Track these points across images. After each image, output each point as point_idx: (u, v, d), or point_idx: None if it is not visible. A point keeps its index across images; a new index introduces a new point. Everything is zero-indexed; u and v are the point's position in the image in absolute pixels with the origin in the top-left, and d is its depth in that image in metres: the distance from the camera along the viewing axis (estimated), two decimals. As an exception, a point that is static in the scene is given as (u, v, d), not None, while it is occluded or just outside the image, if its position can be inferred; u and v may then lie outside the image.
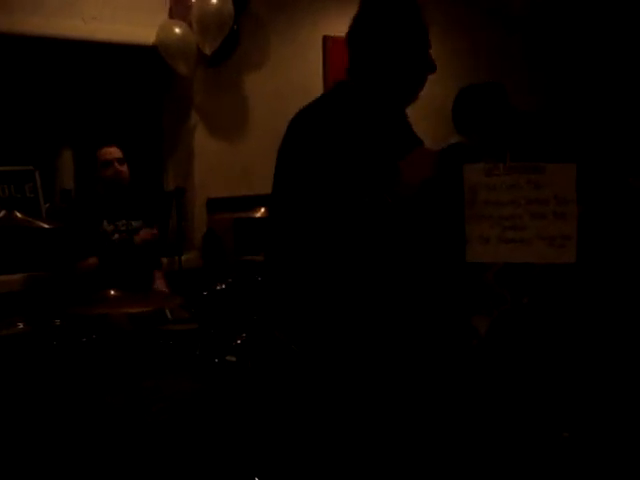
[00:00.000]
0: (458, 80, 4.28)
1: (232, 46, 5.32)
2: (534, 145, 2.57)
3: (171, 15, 5.14)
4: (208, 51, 5.08)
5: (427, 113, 3.98)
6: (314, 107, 2.42)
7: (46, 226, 3.51)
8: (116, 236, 4.36)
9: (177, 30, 5.04)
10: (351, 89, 2.38)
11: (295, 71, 5.88)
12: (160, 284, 4.48)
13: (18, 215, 3.46)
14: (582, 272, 2.91)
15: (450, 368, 2.42)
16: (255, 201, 4.82)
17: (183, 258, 4.87)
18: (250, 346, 3.60)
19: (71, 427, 3.24)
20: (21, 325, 3.76)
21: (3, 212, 3.49)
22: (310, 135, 2.29)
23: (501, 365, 2.88)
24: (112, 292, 3.49)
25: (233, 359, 3.58)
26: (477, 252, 2.32)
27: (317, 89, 6.02)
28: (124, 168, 4.45)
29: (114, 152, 4.44)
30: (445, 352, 2.41)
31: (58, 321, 3.77)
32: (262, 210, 4.25)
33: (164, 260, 4.86)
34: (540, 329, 2.95)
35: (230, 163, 5.52)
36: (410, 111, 2.53)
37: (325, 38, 5.98)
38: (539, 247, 2.30)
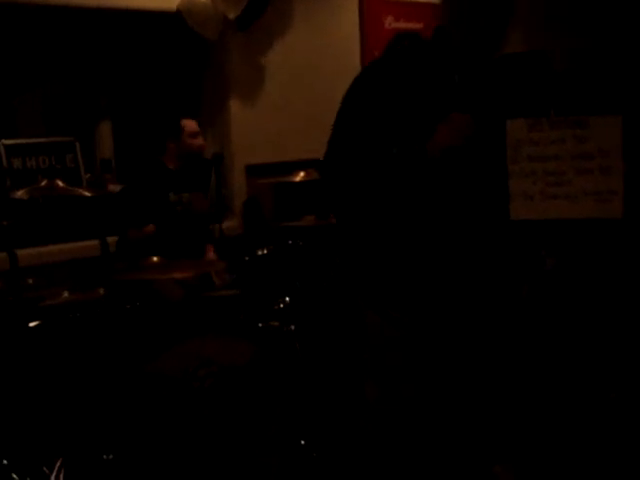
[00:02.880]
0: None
1: (260, 9, 5.26)
2: (578, 98, 2.52)
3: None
4: (232, 15, 5.05)
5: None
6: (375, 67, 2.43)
7: (88, 194, 3.53)
8: (179, 208, 4.39)
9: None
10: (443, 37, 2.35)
11: (330, 33, 5.82)
12: (211, 256, 4.50)
13: (60, 184, 3.48)
14: (627, 229, 2.86)
15: (498, 330, 2.40)
16: (293, 167, 4.81)
17: (224, 225, 4.87)
18: (292, 311, 3.61)
19: (117, 393, 3.28)
20: (66, 294, 3.80)
21: (45, 181, 3.52)
22: (377, 83, 2.30)
23: (543, 327, 2.85)
24: (155, 259, 3.52)
25: (276, 324, 3.59)
26: (521, 209, 2.29)
27: (354, 52, 5.98)
28: (201, 142, 4.53)
29: (195, 125, 4.49)
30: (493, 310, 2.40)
31: (102, 290, 3.79)
32: (301, 174, 4.24)
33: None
34: (580, 292, 2.92)
35: (267, 129, 5.50)
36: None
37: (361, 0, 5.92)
38: (584, 203, 2.26)
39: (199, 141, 4.48)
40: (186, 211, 4.37)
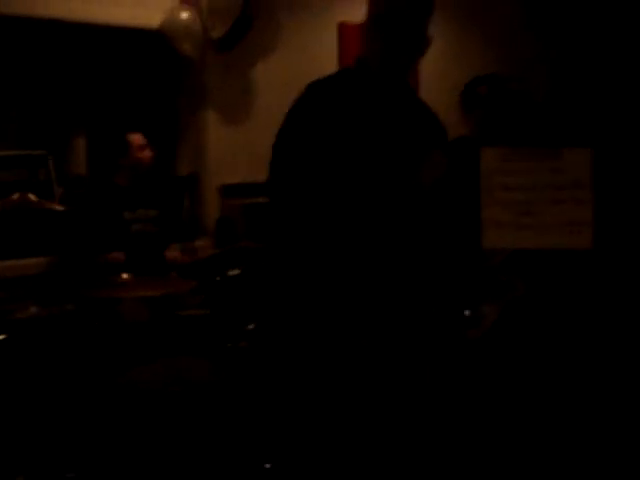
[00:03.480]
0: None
1: (244, 30, 5.29)
2: (549, 130, 2.56)
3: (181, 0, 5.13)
4: (216, 35, 5.08)
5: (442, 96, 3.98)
6: (320, 86, 2.42)
7: (59, 208, 3.52)
8: (136, 226, 4.37)
9: (183, 14, 5.04)
10: (361, 68, 2.36)
11: (309, 57, 5.85)
12: (176, 253, 4.49)
13: (32, 198, 3.46)
14: (595, 259, 2.89)
15: (452, 359, 2.41)
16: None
17: (196, 244, 4.86)
18: (261, 333, 3.60)
19: (84, 410, 3.24)
20: (34, 309, 3.77)
21: (17, 195, 3.49)
22: (318, 114, 2.28)
23: (509, 354, 2.87)
24: (125, 276, 3.51)
25: (245, 345, 3.58)
26: (493, 238, 2.31)
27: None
28: (150, 154, 4.49)
29: (142, 138, 4.48)
30: (447, 343, 2.40)
31: (71, 305, 3.76)
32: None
33: (177, 246, 4.85)
34: (548, 317, 2.94)
35: (243, 149, 5.50)
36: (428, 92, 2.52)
37: (341, 25, 5.96)
38: (555, 233, 2.29)
39: (147, 153, 4.48)
40: (147, 232, 4.37)
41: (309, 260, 2.30)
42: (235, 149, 5.48)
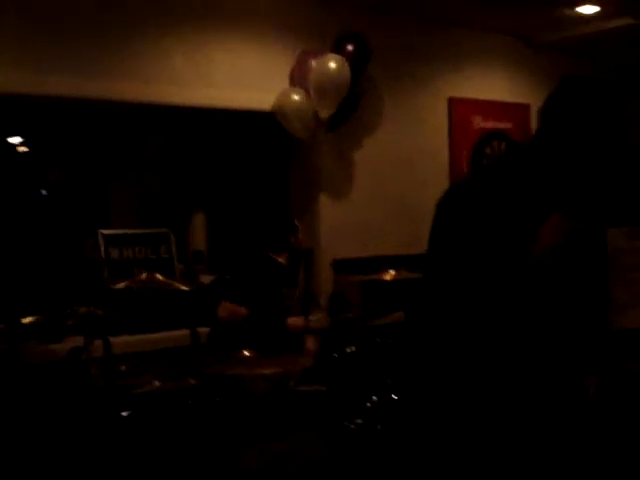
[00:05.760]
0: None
1: (351, 110, 5.41)
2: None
3: (292, 82, 5.31)
4: (325, 115, 5.20)
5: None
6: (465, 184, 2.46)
7: (185, 288, 3.64)
8: (287, 302, 4.50)
9: (295, 96, 5.20)
10: (532, 155, 2.37)
11: (420, 133, 5.93)
12: (310, 343, 4.54)
13: (159, 277, 3.59)
14: None
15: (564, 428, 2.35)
16: (380, 262, 4.84)
17: (310, 318, 4.91)
18: (380, 410, 3.59)
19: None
20: (157, 383, 3.87)
21: (145, 274, 3.64)
22: (477, 204, 2.32)
23: (609, 428, 2.77)
24: (246, 353, 3.58)
25: (362, 422, 3.57)
26: (623, 319, 2.26)
27: (443, 151, 6.06)
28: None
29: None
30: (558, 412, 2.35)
31: (193, 380, 3.85)
32: (391, 272, 4.26)
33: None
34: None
35: (355, 224, 5.58)
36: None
37: (451, 100, 6.03)
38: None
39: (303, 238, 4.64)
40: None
41: (445, 334, 2.34)
42: (346, 225, 5.56)
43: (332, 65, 5.14)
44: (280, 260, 4.51)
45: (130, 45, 4.78)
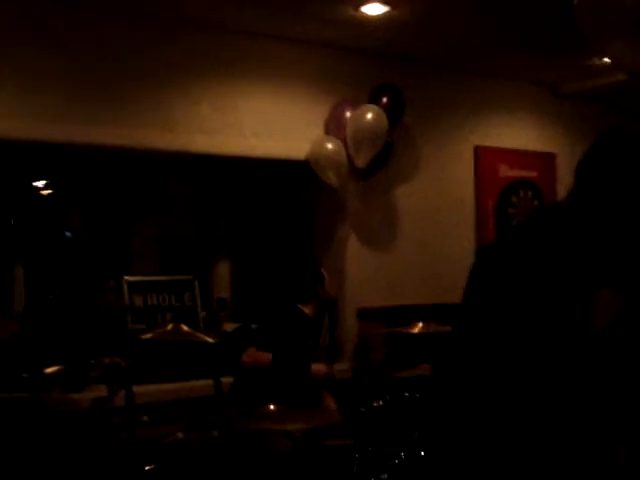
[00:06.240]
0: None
1: (384, 158, 5.41)
2: None
3: (327, 131, 5.32)
4: (361, 164, 5.21)
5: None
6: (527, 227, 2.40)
7: (211, 340, 3.61)
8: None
9: (329, 145, 5.22)
10: (573, 216, 2.31)
11: (446, 181, 5.92)
12: (329, 401, 4.46)
13: (184, 328, 3.57)
14: None
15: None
16: (405, 312, 4.79)
17: (335, 368, 4.85)
18: (409, 466, 3.51)
19: None
20: (180, 435, 3.83)
21: (171, 325, 3.62)
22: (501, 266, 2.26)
23: None
24: (272, 407, 3.51)
25: (388, 477, 3.50)
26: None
27: (469, 199, 6.04)
28: None
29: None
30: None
31: (217, 432, 3.80)
32: (420, 325, 4.20)
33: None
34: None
35: (381, 273, 5.55)
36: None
37: (477, 148, 6.02)
38: None
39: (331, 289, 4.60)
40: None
41: (476, 394, 2.28)
42: (373, 273, 5.52)
43: (369, 116, 5.19)
44: (307, 311, 4.47)
45: (158, 93, 4.81)
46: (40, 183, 6.53)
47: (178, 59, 4.85)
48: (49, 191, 6.63)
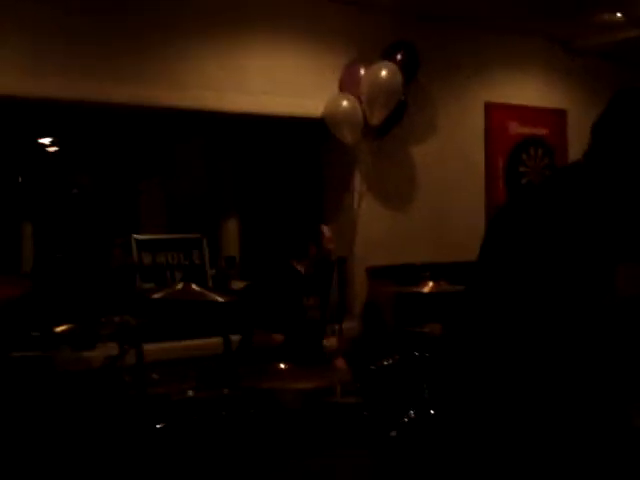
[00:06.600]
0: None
1: (399, 116, 5.36)
2: None
3: (341, 89, 5.27)
4: (376, 122, 5.17)
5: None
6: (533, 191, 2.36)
7: (221, 300, 3.60)
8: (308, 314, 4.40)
9: (345, 103, 5.18)
10: (586, 171, 2.27)
11: (457, 138, 5.87)
12: (340, 362, 4.46)
13: (195, 288, 3.56)
14: None
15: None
16: (414, 270, 4.76)
17: (343, 326, 4.85)
18: (418, 424, 3.52)
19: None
20: (191, 392, 3.84)
21: (181, 284, 3.60)
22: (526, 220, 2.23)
23: None
24: (282, 366, 3.52)
25: (397, 435, 3.51)
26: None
27: (479, 155, 6.00)
28: (334, 246, 4.56)
29: (329, 230, 4.52)
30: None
31: (227, 390, 3.81)
32: (430, 284, 4.18)
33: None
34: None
35: (393, 231, 5.52)
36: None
37: (487, 104, 5.95)
38: None
39: (333, 246, 4.50)
40: (315, 320, 4.37)
41: (490, 353, 2.26)
42: (384, 231, 5.49)
43: (384, 73, 5.14)
44: (299, 268, 4.43)
45: (164, 50, 4.74)
46: (46, 140, 6.49)
47: (187, 15, 4.78)
48: (55, 148, 6.59)
